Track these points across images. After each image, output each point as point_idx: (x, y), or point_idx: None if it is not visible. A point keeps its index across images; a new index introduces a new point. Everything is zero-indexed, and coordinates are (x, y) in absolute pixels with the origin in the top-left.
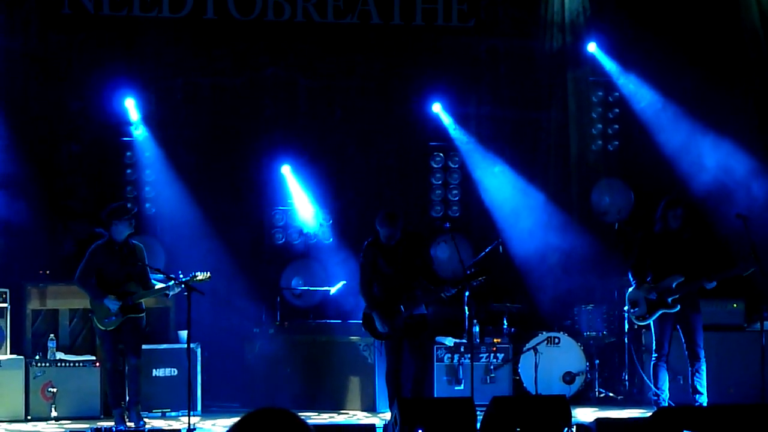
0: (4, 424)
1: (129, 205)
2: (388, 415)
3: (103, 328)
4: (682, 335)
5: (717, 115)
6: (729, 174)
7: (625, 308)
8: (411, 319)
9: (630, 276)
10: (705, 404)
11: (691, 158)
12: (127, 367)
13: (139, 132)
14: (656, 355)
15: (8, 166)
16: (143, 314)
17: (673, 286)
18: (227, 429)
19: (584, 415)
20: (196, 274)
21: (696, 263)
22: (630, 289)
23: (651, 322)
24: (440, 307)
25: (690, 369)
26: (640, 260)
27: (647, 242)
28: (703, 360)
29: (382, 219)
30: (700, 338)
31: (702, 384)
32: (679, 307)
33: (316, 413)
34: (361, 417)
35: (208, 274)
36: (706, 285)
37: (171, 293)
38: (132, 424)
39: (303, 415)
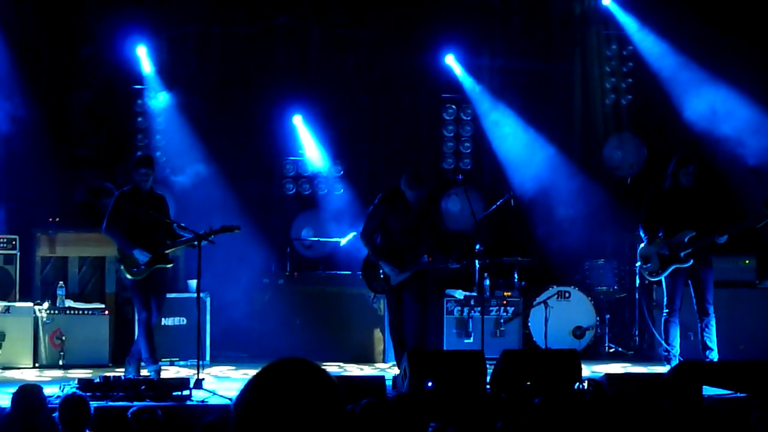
0: (13, 371)
1: (152, 155)
2: (396, 368)
3: (131, 278)
4: (692, 290)
5: (732, 68)
6: (743, 128)
7: (637, 264)
8: (399, 279)
9: (641, 232)
10: (715, 360)
11: (705, 112)
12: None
13: (157, 93)
14: (667, 310)
15: (19, 114)
16: (171, 265)
17: (685, 240)
18: (249, 379)
19: (594, 369)
20: (225, 225)
21: (707, 217)
22: (641, 245)
23: (663, 277)
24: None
25: (699, 325)
26: (650, 216)
27: (658, 198)
28: (712, 316)
29: (408, 181)
30: (710, 294)
31: (712, 340)
32: (691, 261)
33: (325, 365)
34: (370, 369)
35: (238, 227)
36: (717, 239)
37: (202, 243)
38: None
39: None
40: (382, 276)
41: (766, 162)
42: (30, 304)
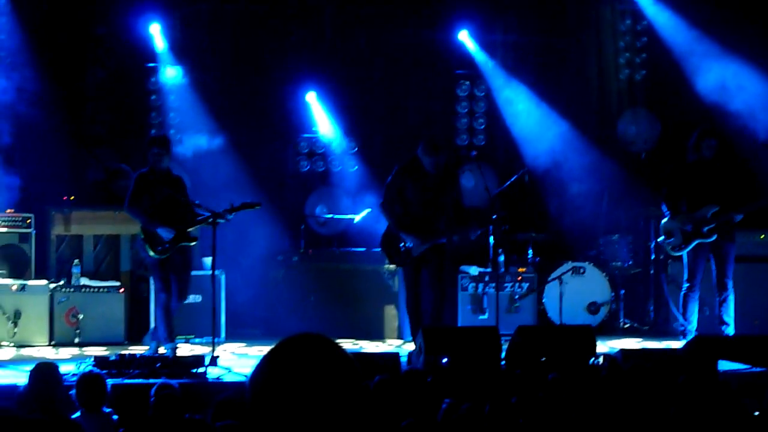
0: (29, 349)
1: (166, 135)
2: (411, 344)
3: (155, 256)
4: (713, 264)
5: (747, 43)
6: (756, 102)
7: (660, 239)
8: (420, 251)
9: (664, 206)
10: (731, 334)
11: (719, 88)
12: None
13: (171, 71)
14: (687, 284)
15: (33, 92)
16: (195, 242)
17: (708, 215)
18: (264, 355)
19: (609, 345)
20: (246, 202)
21: (730, 192)
22: (664, 220)
23: (685, 252)
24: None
25: (717, 299)
26: (673, 190)
27: (680, 172)
28: (731, 290)
29: (425, 147)
30: (730, 269)
31: (729, 314)
32: (715, 236)
33: (340, 341)
34: (384, 346)
35: (259, 203)
36: (734, 217)
37: (223, 221)
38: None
39: None
40: (402, 249)
41: None
42: (45, 282)
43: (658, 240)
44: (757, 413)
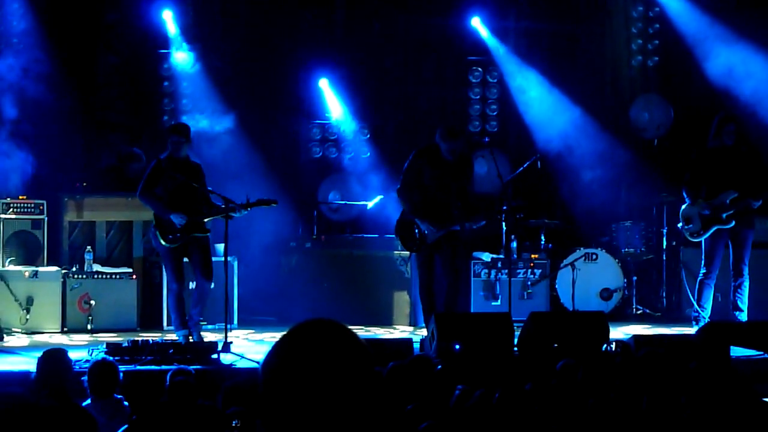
0: (41, 335)
1: (186, 124)
2: (424, 330)
3: (166, 245)
4: (731, 250)
5: (760, 29)
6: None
7: (679, 224)
8: (434, 237)
9: (684, 192)
10: (744, 320)
11: (731, 74)
12: (197, 290)
13: (183, 57)
14: (704, 270)
15: (46, 79)
16: (209, 234)
17: (727, 201)
18: (276, 341)
19: (622, 331)
20: (262, 199)
21: (750, 178)
22: (684, 206)
23: (704, 239)
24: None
25: (732, 284)
26: (694, 177)
27: (703, 158)
28: (746, 277)
29: (443, 133)
30: (747, 255)
31: (743, 301)
32: (733, 223)
33: (352, 328)
34: (397, 332)
35: (275, 201)
36: (753, 204)
37: (237, 215)
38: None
39: None
40: (417, 235)
41: None
42: (58, 268)
43: (677, 226)
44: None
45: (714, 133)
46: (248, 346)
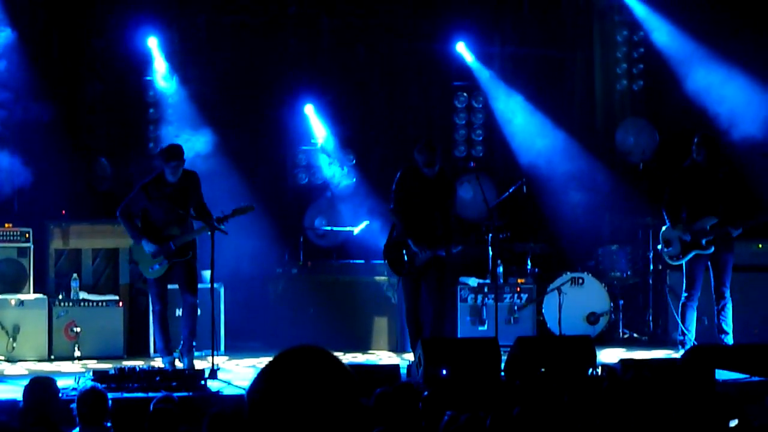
0: (28, 363)
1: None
2: (411, 356)
3: (149, 277)
4: (711, 274)
5: (746, 55)
6: (757, 117)
7: (659, 246)
8: (423, 261)
9: (664, 213)
10: (730, 344)
11: (717, 99)
12: (184, 308)
13: (165, 85)
14: (686, 294)
15: (31, 105)
16: (190, 256)
17: (707, 228)
18: (262, 368)
19: (608, 355)
20: (238, 207)
21: (730, 204)
22: (664, 228)
23: (683, 262)
24: (464, 247)
25: (716, 308)
26: (673, 198)
27: (679, 179)
28: (729, 299)
29: (419, 147)
30: (728, 278)
31: (728, 323)
32: (713, 249)
33: (340, 354)
34: (384, 357)
35: (252, 206)
36: (732, 232)
37: (215, 231)
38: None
39: None
40: (406, 258)
41: None
42: (44, 296)
43: (657, 248)
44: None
45: (692, 153)
46: (235, 373)
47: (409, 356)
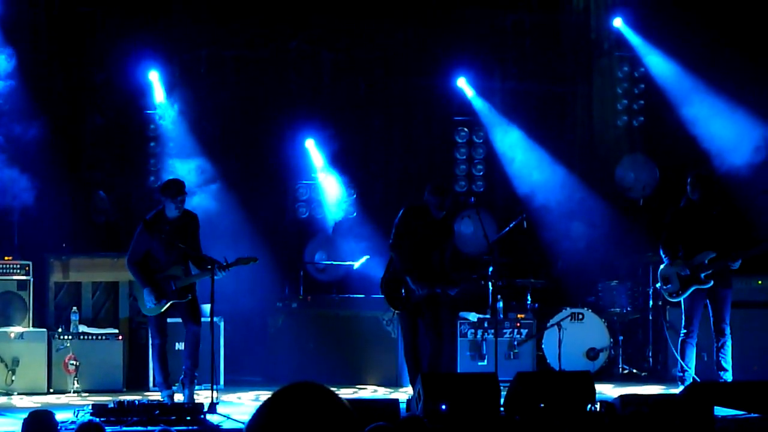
0: (27, 396)
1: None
2: (410, 390)
3: (147, 313)
4: (710, 310)
5: (746, 91)
6: (757, 151)
7: (658, 285)
8: (420, 297)
9: (661, 252)
10: (729, 380)
11: (718, 134)
12: (186, 338)
13: (166, 119)
14: (685, 331)
15: (33, 139)
16: (190, 297)
17: (706, 262)
18: (261, 403)
19: (608, 391)
20: (242, 257)
21: (728, 238)
22: (662, 266)
23: (683, 298)
24: (464, 286)
25: (715, 345)
26: (671, 236)
27: (676, 217)
28: (728, 336)
29: (433, 189)
30: (727, 314)
31: (727, 360)
32: (711, 282)
33: (339, 388)
34: (384, 392)
35: (255, 258)
36: (731, 265)
37: (217, 277)
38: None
39: None
40: (404, 294)
41: None
42: (44, 329)
43: (656, 286)
44: None
45: (687, 191)
46: (234, 407)
47: (409, 390)
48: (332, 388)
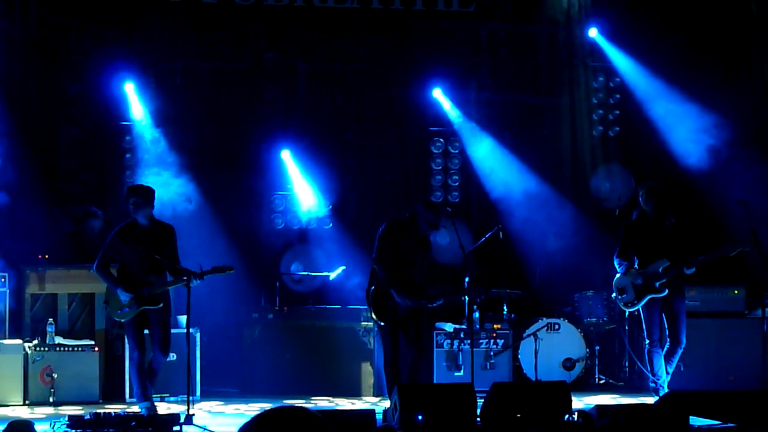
0: (3, 408)
1: (144, 185)
2: (387, 401)
3: (116, 319)
4: (665, 320)
5: (720, 100)
6: (730, 158)
7: (613, 295)
8: (406, 310)
9: (616, 263)
10: (664, 389)
11: (691, 143)
12: (152, 362)
13: (142, 130)
14: (648, 341)
15: (7, 151)
16: (162, 305)
17: (660, 270)
18: (240, 427)
19: (585, 401)
20: (217, 266)
21: (682, 247)
22: (617, 276)
23: (639, 308)
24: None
25: (667, 348)
26: (625, 247)
27: (630, 229)
28: (682, 345)
29: (431, 207)
30: (683, 324)
31: (671, 369)
32: (666, 291)
33: (315, 399)
34: (360, 403)
35: (231, 267)
36: (686, 271)
37: (192, 285)
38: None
39: (302, 400)
40: (390, 306)
41: (753, 191)
42: (20, 341)
43: (612, 296)
44: None
45: (639, 204)
46: (211, 418)
47: (386, 401)
48: (308, 399)
